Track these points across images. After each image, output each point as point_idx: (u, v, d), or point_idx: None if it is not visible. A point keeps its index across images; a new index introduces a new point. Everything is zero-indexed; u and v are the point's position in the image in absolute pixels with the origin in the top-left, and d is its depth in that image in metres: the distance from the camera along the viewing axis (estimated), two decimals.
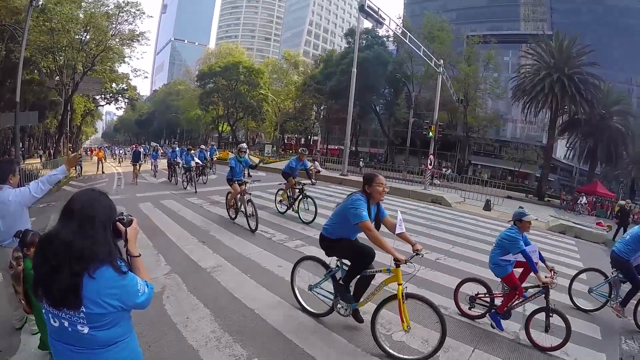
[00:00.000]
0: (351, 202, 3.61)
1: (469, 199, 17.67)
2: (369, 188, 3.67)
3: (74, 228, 1.55)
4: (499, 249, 4.36)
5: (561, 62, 30.31)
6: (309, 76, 52.91)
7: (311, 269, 4.42)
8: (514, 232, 4.30)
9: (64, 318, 1.55)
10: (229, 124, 60.40)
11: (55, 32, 23.76)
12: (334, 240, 3.84)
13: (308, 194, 9.21)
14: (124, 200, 11.25)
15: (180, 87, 76.88)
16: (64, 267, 1.49)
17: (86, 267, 1.51)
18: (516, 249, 4.15)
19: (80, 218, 1.57)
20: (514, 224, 4.39)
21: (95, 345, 1.59)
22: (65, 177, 17.31)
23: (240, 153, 8.72)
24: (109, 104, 45.36)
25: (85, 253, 1.52)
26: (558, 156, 44.13)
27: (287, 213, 9.67)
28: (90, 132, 79.85)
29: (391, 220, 3.84)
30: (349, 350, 3.56)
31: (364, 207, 3.56)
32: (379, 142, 58.30)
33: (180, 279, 5.00)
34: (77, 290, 1.50)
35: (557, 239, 11.05)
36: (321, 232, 3.99)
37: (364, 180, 3.78)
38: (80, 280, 1.50)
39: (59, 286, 1.49)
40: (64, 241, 1.52)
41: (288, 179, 9.55)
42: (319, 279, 4.18)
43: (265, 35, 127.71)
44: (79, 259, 1.50)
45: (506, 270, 4.27)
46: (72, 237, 1.52)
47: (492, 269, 4.43)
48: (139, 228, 1.91)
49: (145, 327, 3.63)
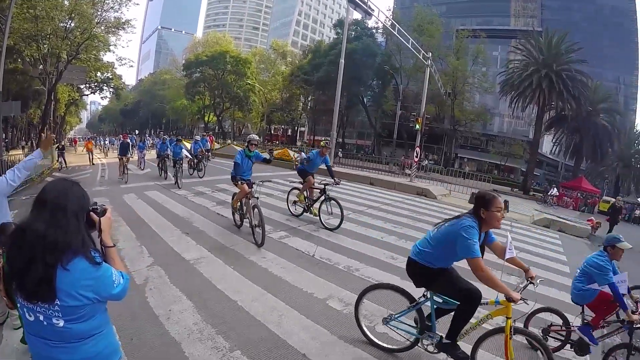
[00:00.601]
0: (464, 230, 2.86)
1: (454, 191, 17.81)
2: (485, 213, 2.92)
3: (46, 218, 1.52)
4: (584, 276, 3.80)
5: (550, 59, 30.65)
6: (296, 67, 52.72)
7: (381, 300, 4.01)
8: (603, 260, 3.69)
9: (38, 312, 1.52)
10: (215, 114, 59.90)
11: (40, 20, 23.11)
12: (433, 270, 3.18)
13: (331, 196, 7.96)
14: (108, 192, 11.09)
15: (166, 76, 75.61)
16: (37, 259, 1.46)
17: (59, 258, 1.48)
18: (604, 280, 3.56)
19: (53, 208, 1.54)
20: (605, 249, 3.80)
21: (72, 338, 1.56)
22: (48, 168, 17.15)
23: (250, 146, 7.18)
24: (94, 94, 44.35)
25: (58, 244, 1.49)
26: (544, 151, 44.85)
27: None
28: (74, 122, 78.34)
29: (500, 245, 3.19)
30: (331, 342, 3.56)
31: (477, 237, 2.88)
32: (366, 134, 58.43)
33: (163, 270, 4.94)
34: (50, 283, 1.47)
35: (541, 232, 11.22)
36: (411, 257, 3.29)
37: (478, 202, 3.00)
38: (53, 272, 1.47)
39: (33, 278, 1.46)
40: (36, 232, 1.48)
41: (307, 178, 8.23)
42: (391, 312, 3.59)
43: (254, 24, 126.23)
44: (52, 250, 1.48)
45: (593, 295, 3.72)
46: (45, 227, 1.49)
47: (576, 297, 3.90)
48: (123, 220, 1.87)
49: (128, 319, 3.59)
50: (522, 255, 7.59)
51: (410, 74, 42.97)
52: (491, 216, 2.91)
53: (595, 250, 4.77)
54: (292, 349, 3.38)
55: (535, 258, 7.59)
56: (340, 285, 4.89)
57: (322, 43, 55.94)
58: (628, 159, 43.10)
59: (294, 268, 5.37)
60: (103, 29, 27.78)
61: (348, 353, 3.41)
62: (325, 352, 3.39)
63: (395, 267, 5.69)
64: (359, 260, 5.94)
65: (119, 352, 1.80)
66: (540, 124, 33.16)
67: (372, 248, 6.68)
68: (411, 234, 7.91)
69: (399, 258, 6.17)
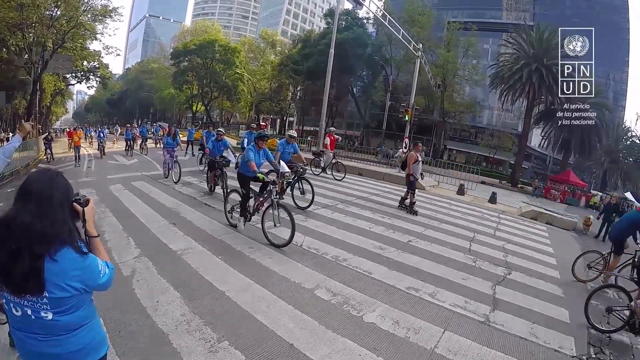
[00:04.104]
0: None
1: (443, 182, 17.91)
2: None
3: (32, 210, 1.49)
4: None
5: (540, 53, 30.77)
6: (286, 56, 52.07)
7: None
8: None
9: (26, 306, 1.50)
10: (203, 104, 59.15)
11: (25, 8, 22.71)
12: None
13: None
14: (94, 182, 10.97)
15: (154, 65, 74.40)
16: (23, 252, 1.44)
17: (47, 249, 1.46)
18: None
19: (38, 199, 1.51)
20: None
21: (60, 330, 1.55)
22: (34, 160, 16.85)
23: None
24: (80, 83, 43.51)
25: (47, 235, 1.47)
26: (533, 144, 45.30)
27: None
28: (60, 113, 76.63)
29: None
30: (319, 332, 3.57)
31: None
32: (355, 124, 58.10)
33: (150, 262, 4.89)
34: (39, 275, 1.45)
35: (528, 224, 11.35)
36: None
37: None
38: (42, 264, 1.45)
39: (20, 272, 1.44)
40: (22, 224, 1.46)
41: None
42: None
43: (243, 13, 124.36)
44: (40, 242, 1.46)
45: None
46: (31, 219, 1.47)
47: None
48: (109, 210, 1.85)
49: (115, 312, 3.56)
50: (510, 246, 7.70)
51: (400, 65, 42.84)
52: None
53: (582, 243, 5.01)
54: (280, 339, 3.38)
55: (522, 250, 7.69)
56: (328, 275, 4.90)
57: (312, 33, 55.48)
58: (616, 154, 43.66)
59: (282, 258, 5.36)
60: (89, 17, 27.45)
61: (336, 343, 3.43)
62: (314, 342, 3.40)
63: (383, 257, 5.73)
64: (346, 250, 5.94)
65: (106, 343, 1.79)
66: (529, 117, 33.45)
67: (360, 238, 6.68)
68: (399, 225, 7.94)
69: (387, 248, 6.20)
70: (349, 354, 3.28)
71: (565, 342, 4.04)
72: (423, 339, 3.67)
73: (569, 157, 37.59)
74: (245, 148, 6.88)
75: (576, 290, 5.87)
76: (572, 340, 4.13)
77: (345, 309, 4.06)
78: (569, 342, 4.09)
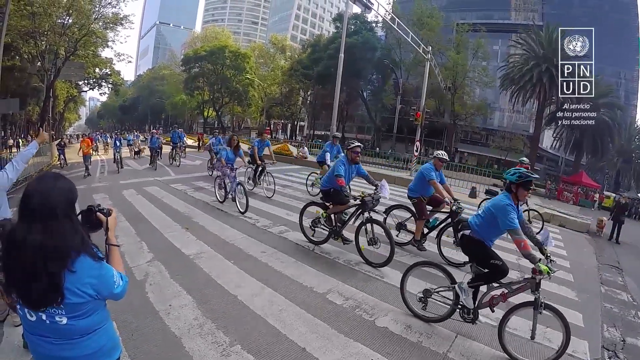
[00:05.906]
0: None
1: (454, 185, 17.70)
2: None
3: (40, 228, 1.44)
4: None
5: (550, 53, 30.46)
6: (296, 61, 52.32)
7: None
8: None
9: (41, 312, 1.50)
10: (215, 109, 59.67)
11: (37, 17, 23.16)
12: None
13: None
14: (107, 187, 11.08)
15: (165, 71, 75.35)
16: (39, 272, 1.42)
17: (64, 265, 1.45)
18: None
19: (42, 216, 1.46)
20: None
21: (74, 335, 1.56)
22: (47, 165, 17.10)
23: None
24: (92, 90, 44.31)
25: (60, 251, 1.45)
26: (544, 146, 44.71)
27: None
28: (73, 119, 78.10)
29: None
30: (331, 336, 3.56)
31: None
32: (365, 128, 58.03)
33: (163, 266, 4.94)
34: (58, 290, 1.45)
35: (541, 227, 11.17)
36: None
37: None
38: (60, 279, 1.45)
39: (38, 289, 1.43)
40: (34, 246, 1.42)
41: None
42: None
43: (253, 19, 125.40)
44: (55, 259, 1.44)
45: None
46: (41, 238, 1.43)
47: None
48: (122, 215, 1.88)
49: (128, 315, 3.59)
50: None
51: (410, 68, 42.63)
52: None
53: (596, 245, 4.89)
54: (292, 343, 3.38)
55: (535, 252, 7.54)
56: (340, 279, 4.89)
57: (321, 37, 55.63)
58: (628, 154, 42.99)
59: (294, 262, 5.37)
60: (101, 25, 27.87)
61: (349, 347, 3.41)
62: (326, 346, 3.39)
63: (396, 261, 5.69)
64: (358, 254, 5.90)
65: (119, 347, 1.80)
66: (540, 118, 33.07)
67: None
68: (411, 229, 7.86)
69: (399, 252, 6.16)
70: (361, 358, 3.27)
71: (579, 346, 3.97)
72: (436, 344, 3.64)
73: (581, 158, 37.06)
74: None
75: (590, 294, 5.77)
76: (585, 344, 4.06)
77: (358, 313, 4.05)
78: (583, 346, 4.02)
